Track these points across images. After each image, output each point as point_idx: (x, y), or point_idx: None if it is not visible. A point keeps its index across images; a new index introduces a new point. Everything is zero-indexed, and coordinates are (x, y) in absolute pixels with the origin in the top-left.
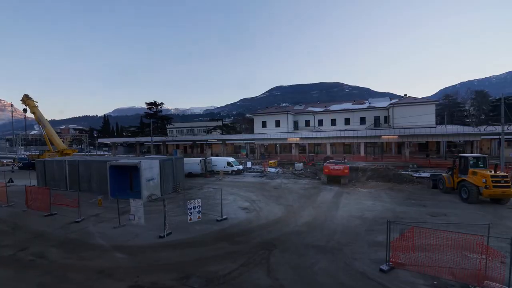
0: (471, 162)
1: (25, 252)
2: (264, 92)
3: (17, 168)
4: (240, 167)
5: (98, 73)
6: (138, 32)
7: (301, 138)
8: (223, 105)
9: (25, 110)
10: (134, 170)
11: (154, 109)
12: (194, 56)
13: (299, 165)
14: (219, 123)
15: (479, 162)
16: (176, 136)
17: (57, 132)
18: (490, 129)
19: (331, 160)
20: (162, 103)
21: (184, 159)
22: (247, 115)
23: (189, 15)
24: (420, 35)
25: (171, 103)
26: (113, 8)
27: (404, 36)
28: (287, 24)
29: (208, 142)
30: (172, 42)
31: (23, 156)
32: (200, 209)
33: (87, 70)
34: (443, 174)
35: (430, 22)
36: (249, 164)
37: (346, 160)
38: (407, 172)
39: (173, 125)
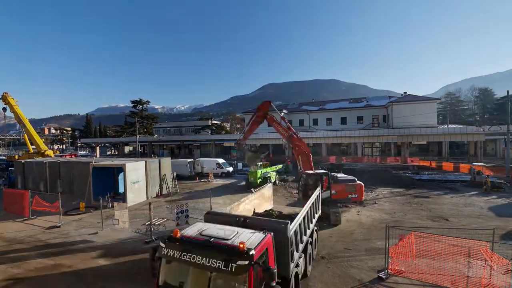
0: None
1: (3, 258)
2: (256, 90)
3: None
4: (230, 169)
5: (81, 69)
6: (123, 27)
7: None
8: (213, 103)
9: (4, 109)
10: (119, 172)
11: (140, 108)
12: (183, 52)
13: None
14: (208, 122)
15: None
16: (163, 136)
17: (37, 132)
18: (495, 128)
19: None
20: (148, 101)
21: (171, 160)
22: (238, 114)
23: (178, 9)
24: (421, 30)
25: (158, 101)
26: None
27: (404, 31)
28: (281, 19)
29: (196, 143)
30: (160, 38)
31: (2, 158)
32: (188, 213)
33: (69, 66)
34: None
35: (431, 17)
36: (239, 165)
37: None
38: (407, 174)
39: (160, 124)
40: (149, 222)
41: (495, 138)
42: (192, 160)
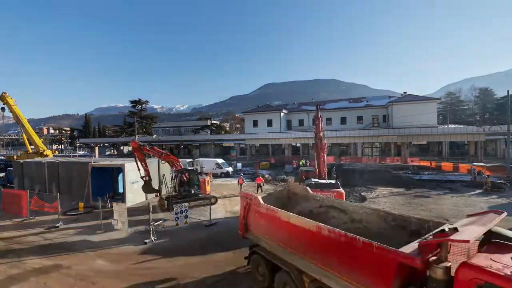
0: None
1: (2, 258)
2: (255, 90)
3: None
4: (230, 169)
5: (80, 69)
6: (122, 26)
7: (294, 138)
8: (212, 103)
9: (3, 109)
10: (118, 172)
11: (139, 107)
12: (183, 52)
13: (289, 167)
14: (207, 122)
15: None
16: (162, 136)
17: (35, 132)
18: (495, 128)
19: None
20: (147, 101)
21: None
22: (237, 114)
23: (175, 8)
24: (421, 29)
25: (157, 101)
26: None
27: (404, 31)
28: (279, 18)
29: (195, 143)
30: (160, 37)
31: (1, 158)
32: (187, 213)
33: (68, 65)
34: None
35: (431, 16)
36: (239, 165)
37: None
38: (407, 174)
39: (159, 124)
40: (148, 222)
41: (496, 138)
42: (192, 160)
